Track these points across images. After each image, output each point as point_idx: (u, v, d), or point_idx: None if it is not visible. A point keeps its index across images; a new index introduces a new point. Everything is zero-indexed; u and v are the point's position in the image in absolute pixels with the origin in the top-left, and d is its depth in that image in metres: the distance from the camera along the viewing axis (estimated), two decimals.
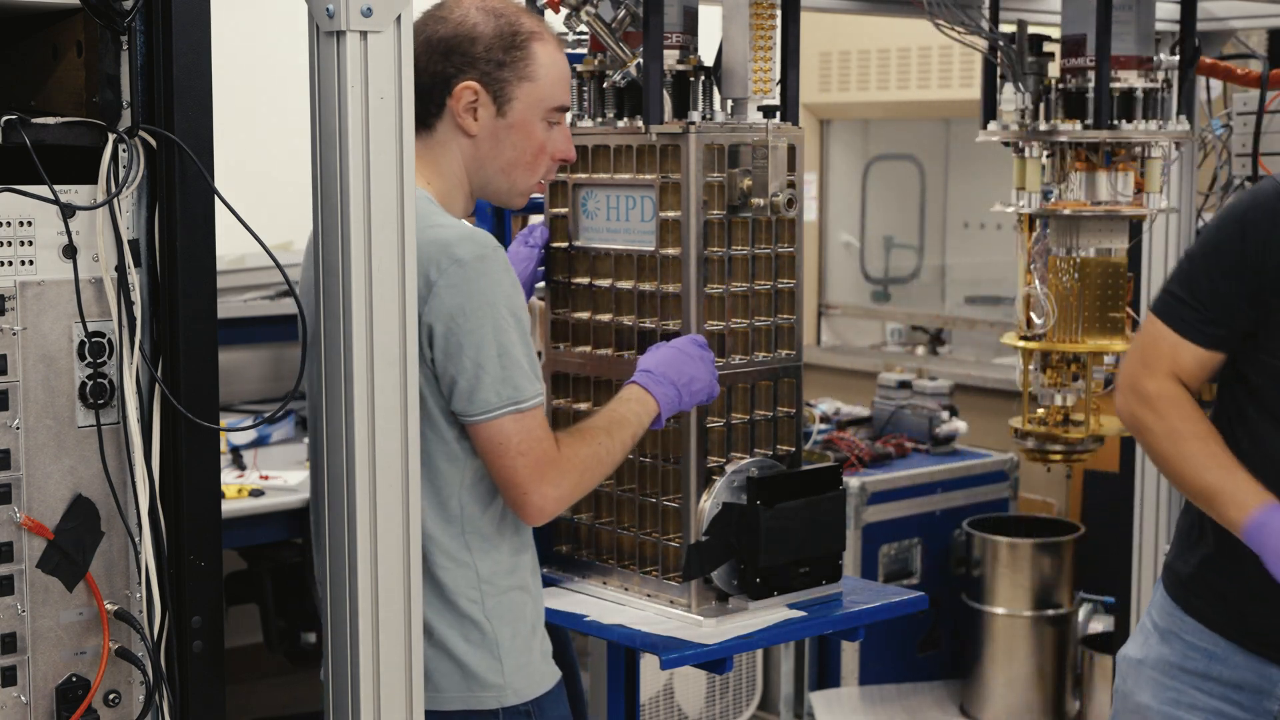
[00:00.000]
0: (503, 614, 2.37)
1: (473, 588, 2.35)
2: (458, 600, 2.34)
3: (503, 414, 2.29)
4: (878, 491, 4.93)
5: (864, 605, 2.82)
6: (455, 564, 2.35)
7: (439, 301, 2.25)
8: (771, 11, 2.75)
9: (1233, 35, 4.02)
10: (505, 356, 2.28)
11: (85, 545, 2.01)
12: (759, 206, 2.66)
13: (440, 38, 2.38)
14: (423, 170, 2.39)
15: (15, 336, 1.95)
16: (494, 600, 2.37)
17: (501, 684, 2.36)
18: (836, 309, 7.65)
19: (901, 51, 6.82)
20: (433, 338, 2.27)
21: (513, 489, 2.33)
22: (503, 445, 2.30)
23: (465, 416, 2.30)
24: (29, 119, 1.96)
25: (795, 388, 2.81)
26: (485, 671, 2.35)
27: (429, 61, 2.37)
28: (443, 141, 2.41)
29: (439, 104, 2.39)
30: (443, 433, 2.32)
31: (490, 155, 2.42)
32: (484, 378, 2.27)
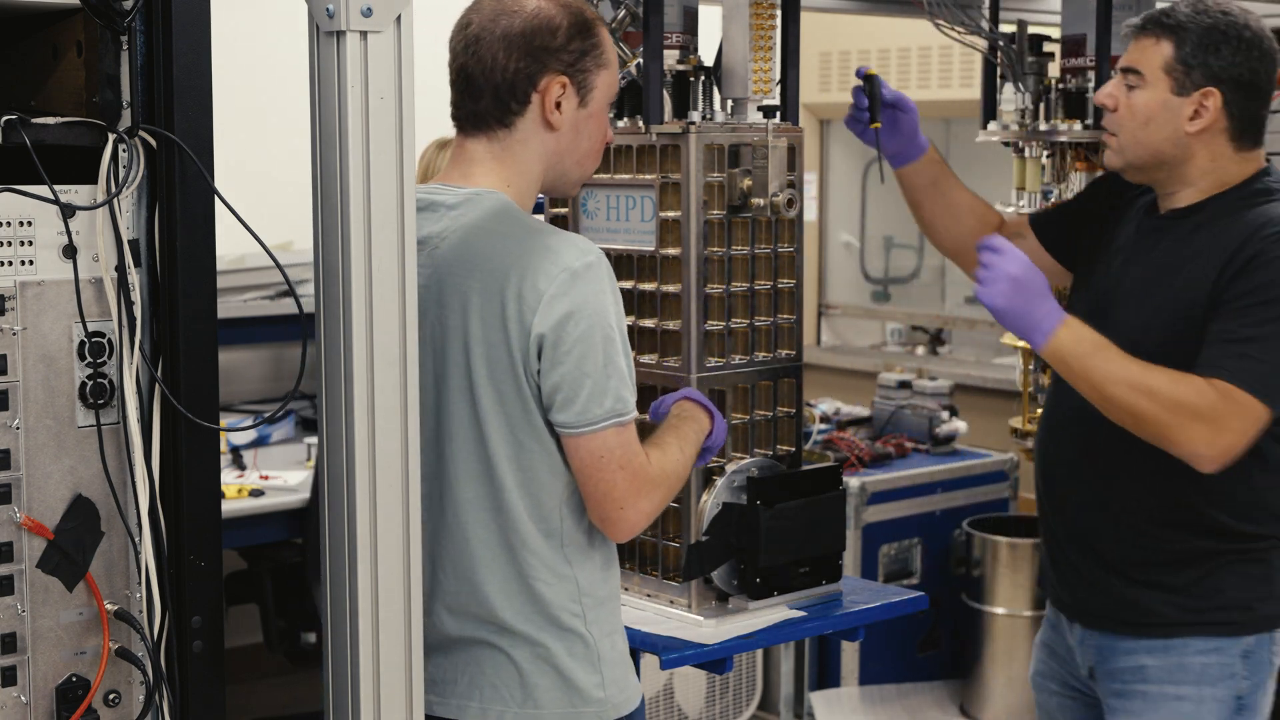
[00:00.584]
0: (603, 626, 2.32)
1: (574, 601, 2.29)
2: (560, 615, 2.28)
3: (606, 426, 2.21)
4: (878, 491, 4.93)
5: (864, 605, 2.82)
6: (557, 578, 2.28)
7: (550, 310, 2.17)
8: (771, 11, 2.75)
9: None
10: (610, 366, 2.20)
11: (85, 545, 2.01)
12: (759, 206, 2.66)
13: (517, 32, 2.26)
14: (500, 170, 2.32)
15: (15, 336, 1.95)
16: (594, 612, 2.31)
17: (603, 698, 2.30)
18: (836, 309, 7.65)
19: (901, 51, 6.82)
20: (541, 346, 2.19)
21: (608, 504, 2.25)
22: (604, 459, 2.22)
23: (567, 428, 2.21)
24: (29, 119, 1.96)
25: (795, 388, 2.81)
26: (589, 686, 2.29)
27: (508, 58, 2.26)
28: (524, 139, 2.31)
29: (522, 100, 2.28)
30: (548, 444, 2.24)
31: (570, 147, 2.34)
32: (589, 388, 2.19)
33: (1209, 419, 2.52)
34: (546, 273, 2.18)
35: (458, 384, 2.25)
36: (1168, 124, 2.67)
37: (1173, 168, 2.71)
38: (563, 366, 2.19)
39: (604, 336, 2.20)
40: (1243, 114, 2.67)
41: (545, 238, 2.23)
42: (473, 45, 2.28)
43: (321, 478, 2.10)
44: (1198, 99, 2.65)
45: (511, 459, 2.24)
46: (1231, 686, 2.72)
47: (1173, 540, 2.73)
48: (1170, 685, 2.74)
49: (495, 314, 2.20)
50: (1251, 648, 2.72)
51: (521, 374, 2.21)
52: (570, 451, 2.24)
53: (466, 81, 2.30)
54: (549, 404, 2.22)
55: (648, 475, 2.27)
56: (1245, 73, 2.65)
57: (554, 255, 2.19)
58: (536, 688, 2.28)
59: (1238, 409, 2.53)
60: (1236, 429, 2.53)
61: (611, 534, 2.29)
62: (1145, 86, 2.67)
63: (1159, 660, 2.75)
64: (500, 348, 2.21)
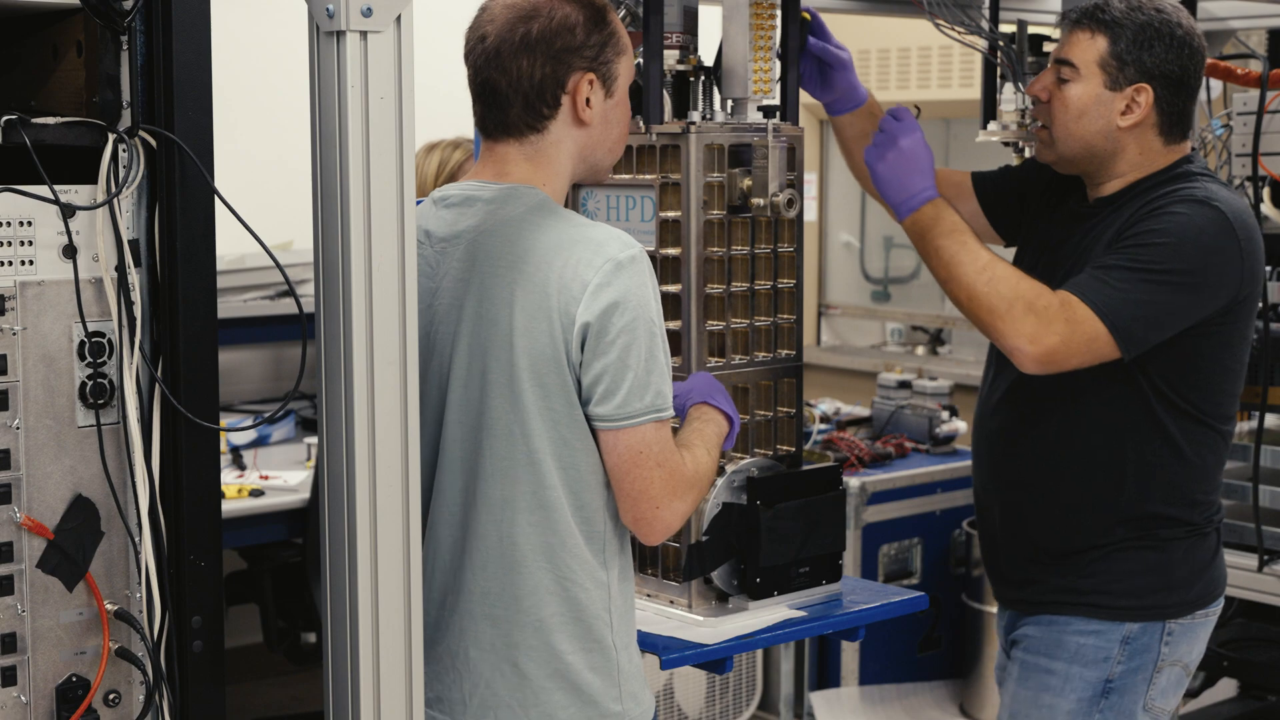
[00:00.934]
0: (624, 637, 2.29)
1: (605, 610, 2.25)
2: (594, 624, 2.24)
3: (646, 421, 2.17)
4: (878, 491, 4.92)
5: (864, 605, 2.82)
6: (594, 583, 2.24)
7: (595, 301, 2.14)
8: (771, 11, 2.75)
9: (1233, 35, 4.02)
10: (653, 360, 2.18)
11: (85, 545, 2.01)
12: (759, 206, 2.66)
13: (537, 37, 2.22)
14: (537, 172, 2.29)
15: (15, 336, 1.95)
16: (619, 622, 2.27)
17: (620, 711, 2.27)
18: (836, 309, 7.65)
19: (901, 51, 6.82)
20: (585, 336, 2.15)
21: (644, 502, 2.20)
22: (643, 454, 2.18)
23: (606, 420, 2.17)
24: (29, 119, 1.96)
25: (795, 388, 2.81)
26: (607, 699, 2.25)
27: (531, 65, 2.23)
28: (557, 140, 2.28)
29: (553, 104, 2.26)
30: (590, 441, 2.20)
31: (602, 138, 2.32)
32: (630, 381, 2.16)
33: (1040, 315, 2.57)
34: (590, 263, 2.16)
35: (499, 378, 2.20)
36: (1100, 118, 2.72)
37: (1103, 160, 2.77)
38: (606, 357, 2.15)
39: (647, 330, 2.17)
40: (1172, 109, 2.74)
41: (588, 229, 2.21)
42: (494, 57, 2.24)
43: (321, 478, 2.10)
44: (1130, 94, 2.71)
45: (556, 455, 2.20)
46: (1104, 669, 2.75)
47: (1078, 523, 2.78)
48: (1044, 658, 2.80)
49: (539, 305, 2.17)
50: (1134, 634, 2.75)
51: (565, 365, 2.17)
52: (608, 446, 2.19)
53: (492, 94, 2.26)
54: (588, 396, 2.18)
55: (684, 475, 2.23)
56: (1176, 69, 2.71)
57: (598, 246, 2.17)
58: (552, 704, 2.24)
59: (1072, 317, 2.57)
60: (1063, 334, 2.57)
61: (645, 535, 2.24)
62: (1078, 80, 2.73)
63: (1041, 633, 2.82)
64: (544, 339, 2.17)
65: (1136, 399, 2.72)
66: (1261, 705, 4.68)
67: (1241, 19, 3.96)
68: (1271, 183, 3.76)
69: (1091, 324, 2.58)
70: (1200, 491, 2.79)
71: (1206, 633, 2.86)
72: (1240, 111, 3.79)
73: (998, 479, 2.92)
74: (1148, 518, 2.76)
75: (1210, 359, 2.73)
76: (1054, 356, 2.59)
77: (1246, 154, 3.74)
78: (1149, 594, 2.76)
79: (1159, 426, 2.73)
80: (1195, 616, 2.81)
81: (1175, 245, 2.62)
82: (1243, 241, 2.67)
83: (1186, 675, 2.85)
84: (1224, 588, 2.88)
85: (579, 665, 2.24)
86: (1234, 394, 2.81)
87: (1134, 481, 2.75)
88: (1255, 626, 4.48)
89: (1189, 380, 2.72)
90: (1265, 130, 3.69)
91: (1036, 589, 2.84)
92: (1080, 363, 2.62)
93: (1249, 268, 2.69)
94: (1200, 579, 2.81)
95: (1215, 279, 2.64)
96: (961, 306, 2.68)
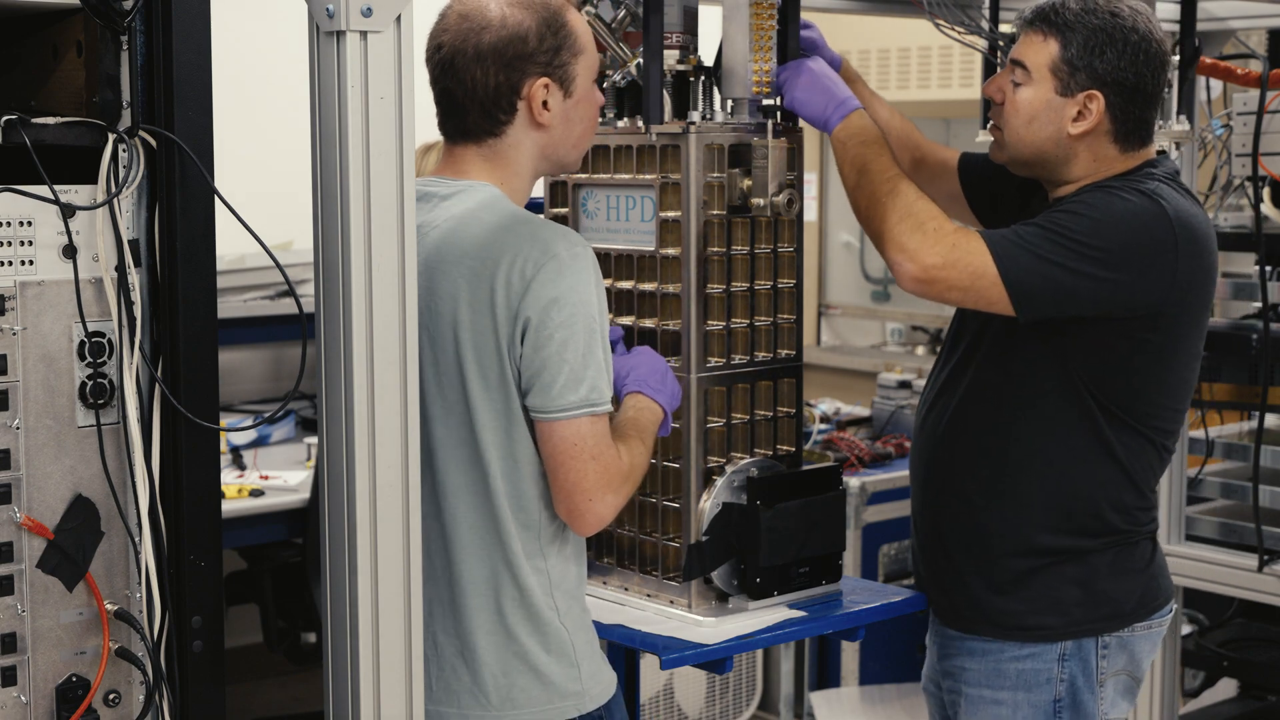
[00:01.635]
0: (575, 619, 2.35)
1: (548, 595, 2.31)
2: (541, 610, 2.30)
3: (580, 414, 2.23)
4: (878, 491, 4.92)
5: (864, 605, 2.82)
6: (535, 570, 2.30)
7: (534, 295, 2.21)
8: (771, 11, 2.75)
9: (1233, 35, 4.02)
10: (590, 356, 2.23)
11: (85, 545, 2.01)
12: (759, 206, 2.66)
13: (489, 46, 2.28)
14: (495, 172, 2.35)
15: (15, 336, 1.95)
16: (566, 605, 2.33)
17: (580, 690, 2.33)
18: (836, 309, 7.65)
19: (901, 51, 6.82)
20: (525, 331, 2.22)
21: (578, 495, 2.25)
22: (577, 447, 2.23)
23: (541, 413, 2.23)
24: (29, 119, 1.96)
25: (795, 388, 2.81)
26: (565, 680, 2.32)
27: (484, 74, 2.29)
28: (515, 143, 2.34)
29: (508, 109, 2.32)
30: (528, 432, 2.27)
31: (563, 137, 2.37)
32: (567, 374, 2.22)
33: (930, 234, 2.50)
34: (534, 260, 2.22)
35: (447, 369, 2.28)
36: (1050, 123, 2.64)
37: (1054, 166, 2.68)
38: (543, 351, 2.21)
39: (586, 326, 2.23)
40: (1127, 116, 2.64)
41: (535, 227, 2.27)
42: (449, 68, 2.31)
43: (321, 478, 2.10)
44: (1082, 100, 2.61)
45: (499, 445, 2.27)
46: (1048, 691, 2.70)
47: (1005, 539, 2.71)
48: (988, 689, 2.74)
49: (484, 299, 2.23)
50: (1069, 651, 2.69)
51: (505, 358, 2.24)
52: (542, 437, 2.25)
53: (450, 102, 2.33)
54: (526, 388, 2.24)
55: (619, 469, 2.28)
56: (1130, 76, 2.61)
57: (543, 244, 2.23)
58: (514, 687, 2.30)
59: (962, 245, 2.50)
60: (945, 257, 2.49)
61: (577, 527, 2.30)
62: (1030, 84, 2.64)
63: (978, 664, 2.75)
64: (487, 333, 2.24)
65: (1066, 398, 2.63)
66: (1261, 705, 4.68)
67: (1241, 19, 3.96)
68: (1271, 183, 3.75)
69: (981, 259, 2.49)
70: (1129, 497, 2.69)
71: (1151, 645, 2.77)
72: (1240, 111, 3.79)
73: (925, 476, 2.84)
74: (1069, 521, 2.67)
75: (1144, 371, 2.62)
76: (931, 276, 2.50)
77: (1246, 154, 3.74)
78: (1074, 608, 2.69)
79: (1088, 427, 2.64)
80: (1135, 630, 2.73)
81: (1097, 221, 2.52)
82: (1181, 244, 2.55)
83: (1136, 682, 2.78)
84: (1166, 598, 2.79)
85: (533, 648, 2.30)
86: (1174, 409, 2.70)
87: (1057, 482, 2.67)
88: (1255, 626, 4.48)
89: (1119, 386, 2.62)
90: (1265, 130, 3.69)
91: (963, 601, 2.77)
92: (962, 297, 2.53)
93: (1185, 275, 2.57)
94: (1132, 591, 2.72)
95: (1136, 269, 2.52)
96: (860, 214, 2.60)
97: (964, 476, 2.76)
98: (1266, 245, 3.82)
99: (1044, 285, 2.51)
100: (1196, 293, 2.61)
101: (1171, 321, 2.60)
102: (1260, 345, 3.85)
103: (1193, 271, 2.58)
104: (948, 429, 2.77)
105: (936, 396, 2.82)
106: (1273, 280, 3.86)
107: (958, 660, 2.80)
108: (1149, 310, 2.57)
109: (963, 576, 2.77)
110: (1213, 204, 4.01)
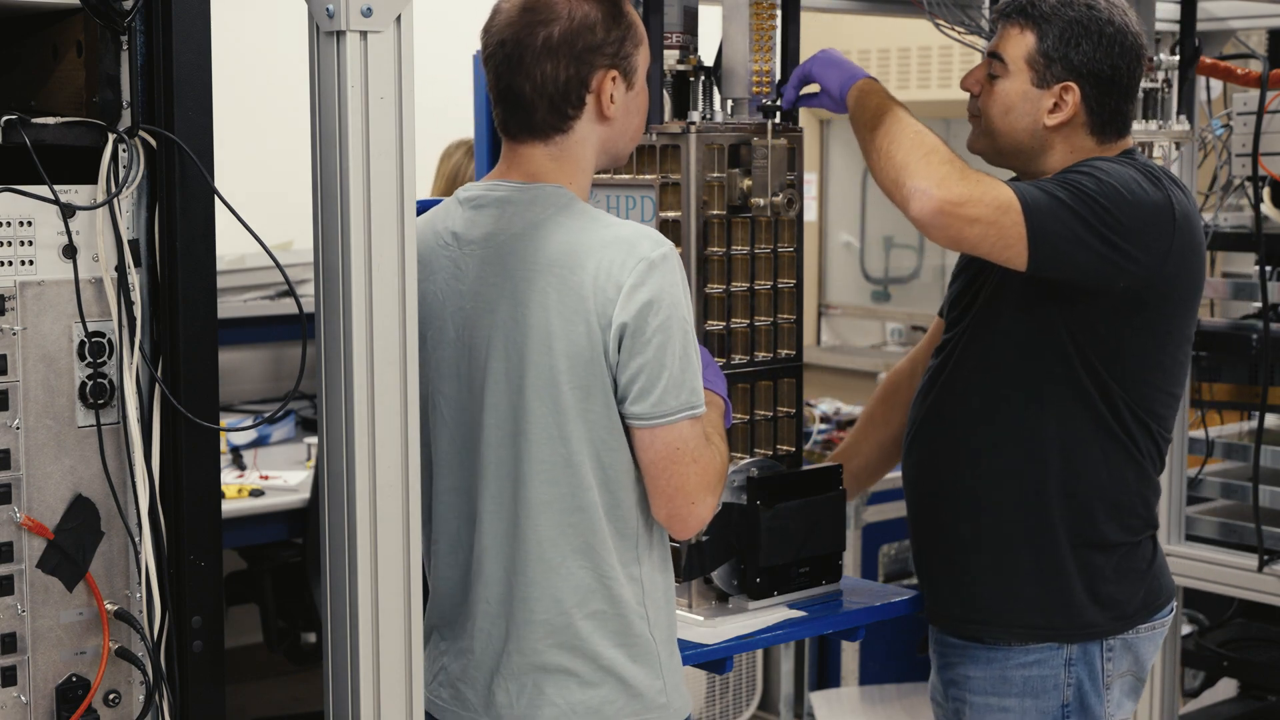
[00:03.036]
0: (663, 630, 2.31)
1: (640, 604, 2.27)
2: (632, 619, 2.26)
3: (682, 418, 2.20)
4: (878, 491, 4.90)
5: (864, 605, 2.82)
6: (630, 580, 2.26)
7: (630, 301, 2.16)
8: (771, 11, 2.75)
9: (1233, 35, 4.02)
10: (686, 358, 2.20)
11: (85, 545, 2.01)
12: (759, 206, 2.66)
13: (559, 40, 2.22)
14: (563, 170, 2.28)
15: (15, 336, 1.95)
16: (656, 615, 2.29)
17: (665, 703, 2.29)
18: (836, 309, 7.65)
19: (901, 51, 6.82)
20: (622, 336, 2.17)
21: (680, 498, 2.22)
22: (680, 451, 2.20)
23: (641, 419, 2.19)
24: (29, 119, 1.96)
25: (795, 388, 2.81)
26: (652, 691, 2.28)
27: (555, 68, 2.22)
28: (583, 138, 2.28)
29: (578, 104, 2.25)
30: (625, 440, 2.22)
31: (623, 129, 2.32)
32: (666, 379, 2.18)
33: (957, 169, 2.46)
34: (624, 264, 2.17)
35: (536, 382, 2.21)
36: (1026, 115, 2.65)
37: (1031, 157, 2.68)
38: (642, 356, 2.17)
39: (681, 328, 2.19)
40: (1103, 108, 2.65)
41: (618, 229, 2.22)
42: (516, 63, 2.23)
43: (322, 478, 2.10)
44: (1057, 92, 2.62)
45: (594, 456, 2.21)
46: (1056, 697, 2.68)
47: (1013, 537, 2.69)
48: (994, 697, 2.73)
49: (575, 308, 2.18)
50: (1075, 656, 2.68)
51: (603, 366, 2.19)
52: (643, 444, 2.21)
53: (516, 99, 2.25)
54: (624, 394, 2.19)
55: (715, 469, 2.25)
56: (1106, 68, 2.62)
57: (630, 246, 2.18)
58: (599, 699, 2.25)
59: (987, 181, 2.46)
60: (973, 190, 2.43)
61: (679, 530, 2.26)
62: (1007, 76, 2.66)
63: (982, 672, 2.74)
64: (582, 341, 2.18)
65: (1068, 394, 2.62)
66: (1261, 705, 4.68)
67: (1241, 19, 3.96)
68: (1271, 183, 3.76)
69: (1007, 195, 2.46)
70: (1133, 494, 2.68)
71: (1154, 645, 2.77)
72: (1240, 111, 3.79)
73: (918, 474, 2.83)
74: (1072, 523, 2.66)
75: (1137, 351, 2.61)
76: (957, 207, 2.43)
77: (1246, 154, 3.74)
78: (1081, 610, 2.67)
79: (1089, 426, 2.62)
80: (1139, 631, 2.72)
81: (1112, 186, 2.51)
82: (1179, 219, 2.56)
83: (1140, 683, 2.78)
84: (1168, 597, 2.78)
85: (622, 660, 2.25)
86: (1169, 393, 2.69)
87: (1056, 478, 2.65)
88: (1255, 626, 4.48)
89: (1115, 369, 2.60)
90: (1265, 130, 3.69)
91: (968, 604, 2.75)
92: (983, 234, 2.45)
93: (1179, 251, 2.56)
94: (1135, 592, 2.71)
95: (1139, 236, 2.51)
96: (878, 155, 2.53)
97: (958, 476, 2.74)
98: (1266, 245, 3.82)
99: (1062, 230, 2.48)
100: (1187, 271, 2.61)
101: (1160, 299, 2.60)
102: (1260, 345, 3.85)
103: (1185, 247, 2.58)
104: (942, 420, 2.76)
105: (929, 399, 2.81)
106: (1273, 280, 3.86)
107: (961, 669, 2.78)
108: (1142, 286, 2.56)
109: (965, 577, 2.76)
110: (1213, 204, 4.01)
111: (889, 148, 2.53)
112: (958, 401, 2.74)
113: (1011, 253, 2.49)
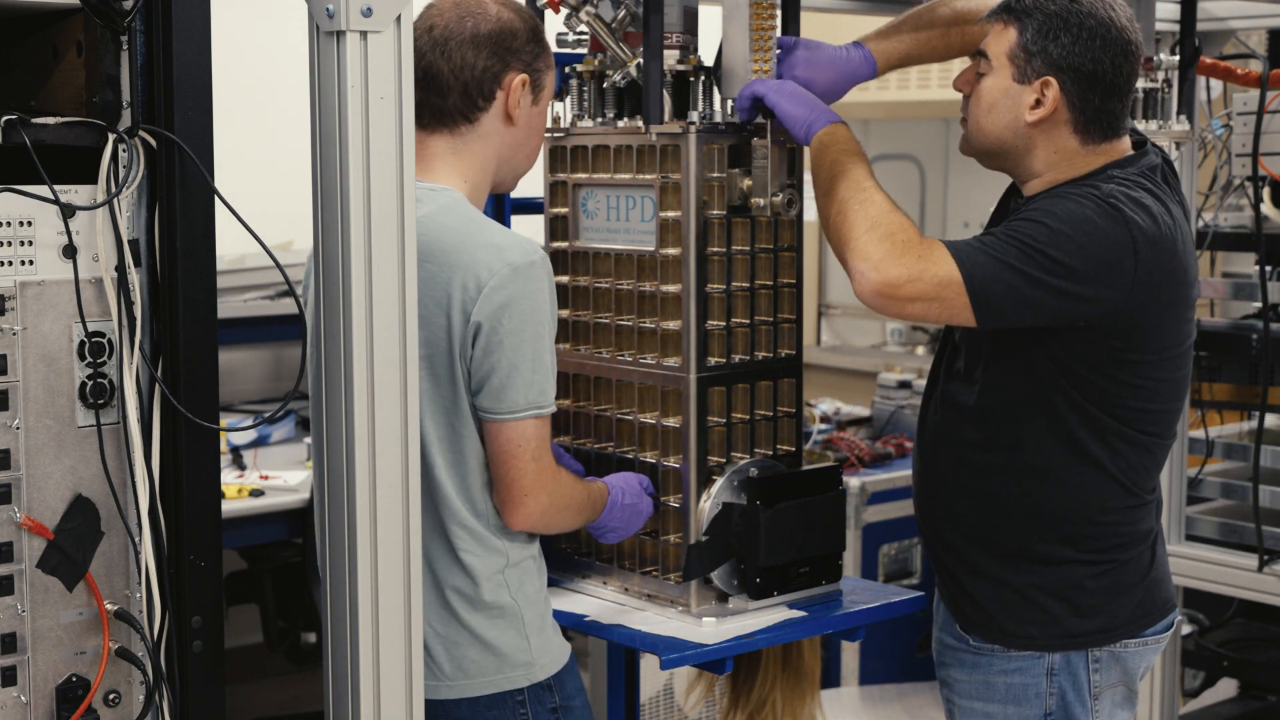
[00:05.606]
0: (528, 594, 2.46)
1: (499, 572, 2.43)
2: (485, 585, 2.42)
3: (527, 415, 2.37)
4: (878, 491, 4.92)
5: (864, 605, 2.83)
6: (486, 550, 2.42)
7: (488, 301, 2.33)
8: (771, 11, 2.75)
9: (1233, 35, 4.02)
10: (538, 361, 2.37)
11: (85, 545, 2.01)
12: (759, 206, 2.66)
13: (485, 33, 2.45)
14: (457, 166, 2.48)
15: (15, 336, 1.95)
16: (517, 581, 2.45)
17: (530, 660, 2.45)
18: (836, 309, 7.65)
19: None
20: (477, 335, 2.34)
21: (514, 490, 2.40)
22: (521, 447, 2.38)
23: (490, 413, 2.37)
24: (29, 119, 1.96)
25: (795, 388, 2.81)
26: (515, 650, 2.44)
27: (475, 56, 2.45)
28: (486, 134, 2.48)
29: (488, 96, 2.47)
30: (475, 430, 2.40)
31: (523, 142, 2.53)
32: (516, 378, 2.35)
33: (895, 246, 2.43)
34: (489, 266, 2.33)
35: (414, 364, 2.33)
36: (1008, 112, 2.58)
37: (1016, 158, 2.63)
38: (495, 354, 2.34)
39: (535, 332, 2.36)
40: (1085, 105, 2.56)
41: (492, 234, 2.38)
42: (441, 45, 2.44)
43: (321, 477, 2.10)
44: (1038, 87, 2.55)
45: (443, 440, 2.39)
46: (1038, 706, 2.66)
47: (990, 544, 2.69)
48: (979, 702, 2.72)
49: (440, 302, 2.34)
50: (1058, 666, 2.65)
51: (457, 359, 2.36)
52: (490, 436, 2.39)
53: (434, 80, 2.44)
54: (477, 389, 2.37)
55: (554, 474, 2.43)
56: (1086, 63, 2.53)
57: (499, 250, 2.35)
58: (464, 659, 2.42)
59: (929, 256, 2.43)
60: (911, 270, 2.42)
61: (508, 520, 2.43)
62: (991, 73, 2.60)
63: (967, 676, 2.73)
64: (440, 334, 2.35)
65: (1050, 405, 2.58)
66: (1261, 705, 4.68)
67: (1241, 19, 3.96)
68: (1271, 183, 3.76)
69: (947, 268, 2.43)
70: (1114, 499, 2.64)
71: (1144, 660, 2.72)
72: (1240, 111, 3.79)
73: (926, 477, 2.81)
74: (1052, 529, 2.64)
75: (1125, 380, 2.56)
76: (894, 289, 2.43)
77: (1246, 154, 3.74)
78: (1060, 620, 2.64)
79: (1068, 435, 2.59)
80: (1127, 645, 2.68)
81: (1055, 230, 2.44)
82: (1140, 250, 2.47)
83: (1133, 692, 2.74)
84: (1164, 611, 2.73)
85: (481, 623, 2.42)
86: (1165, 409, 2.64)
87: (1039, 489, 2.63)
88: (1255, 626, 4.48)
89: (1103, 395, 2.56)
90: (1265, 130, 3.70)
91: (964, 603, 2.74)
92: (925, 310, 2.46)
93: (1144, 281, 2.47)
94: (1124, 605, 2.66)
95: (1092, 279, 2.45)
96: (828, 224, 2.54)
97: (952, 480, 2.74)
98: (1266, 245, 3.83)
99: (1006, 292, 2.45)
100: (1157, 297, 2.53)
101: (1132, 325, 2.53)
102: (1260, 345, 3.85)
103: (1151, 275, 2.50)
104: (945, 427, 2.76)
105: (927, 400, 2.81)
106: (1273, 280, 3.86)
107: (951, 670, 2.79)
108: (1108, 320, 2.51)
109: (955, 577, 2.76)
110: (1213, 204, 4.01)
111: (836, 218, 2.52)
112: (950, 407, 2.73)
113: (959, 319, 2.49)
